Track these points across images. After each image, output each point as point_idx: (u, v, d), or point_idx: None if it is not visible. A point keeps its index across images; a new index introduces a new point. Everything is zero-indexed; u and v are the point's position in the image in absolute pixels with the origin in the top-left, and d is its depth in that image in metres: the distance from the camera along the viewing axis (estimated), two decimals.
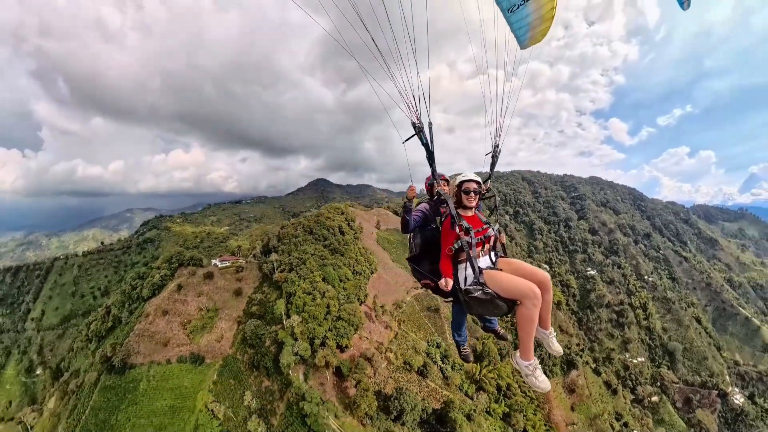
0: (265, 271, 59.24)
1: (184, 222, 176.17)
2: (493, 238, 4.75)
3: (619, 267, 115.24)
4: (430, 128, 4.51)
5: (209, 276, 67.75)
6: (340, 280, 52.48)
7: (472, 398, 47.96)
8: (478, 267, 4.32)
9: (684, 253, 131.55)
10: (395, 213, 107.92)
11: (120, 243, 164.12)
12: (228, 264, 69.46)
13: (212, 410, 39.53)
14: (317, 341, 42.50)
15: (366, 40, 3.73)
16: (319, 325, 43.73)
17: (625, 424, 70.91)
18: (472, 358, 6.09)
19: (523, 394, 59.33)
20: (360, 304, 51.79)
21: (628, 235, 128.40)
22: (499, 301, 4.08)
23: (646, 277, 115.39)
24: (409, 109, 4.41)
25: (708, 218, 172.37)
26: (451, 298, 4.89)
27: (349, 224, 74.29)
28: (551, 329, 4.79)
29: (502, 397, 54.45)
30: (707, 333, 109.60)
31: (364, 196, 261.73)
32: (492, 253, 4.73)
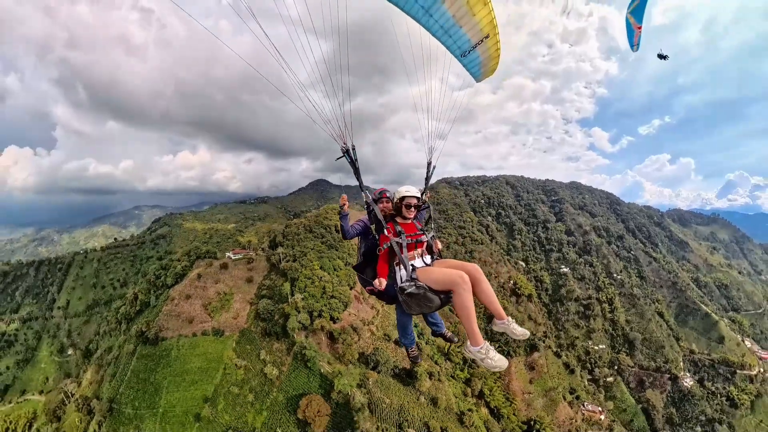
0: (273, 262, 71.56)
1: (193, 219, 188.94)
2: (426, 243, 5.23)
3: (590, 265, 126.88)
4: (354, 150, 5.37)
5: (224, 266, 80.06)
6: (334, 269, 64.93)
7: (437, 363, 60.17)
8: (411, 265, 4.76)
9: (654, 254, 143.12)
10: None
11: (134, 239, 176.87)
12: (240, 256, 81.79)
13: (235, 364, 51.93)
14: (315, 313, 54.82)
15: (292, 82, 4.74)
16: (317, 302, 56.08)
17: (577, 397, 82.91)
18: (420, 360, 7.58)
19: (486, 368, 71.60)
20: (350, 289, 64.07)
21: (602, 236, 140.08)
22: (432, 294, 4.38)
23: (615, 275, 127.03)
24: (336, 136, 5.22)
25: (682, 222, 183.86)
26: (393, 303, 5.43)
27: None
28: (508, 318, 4.74)
29: (466, 367, 66.66)
30: (668, 325, 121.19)
31: (361, 196, 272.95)
32: (428, 257, 5.20)
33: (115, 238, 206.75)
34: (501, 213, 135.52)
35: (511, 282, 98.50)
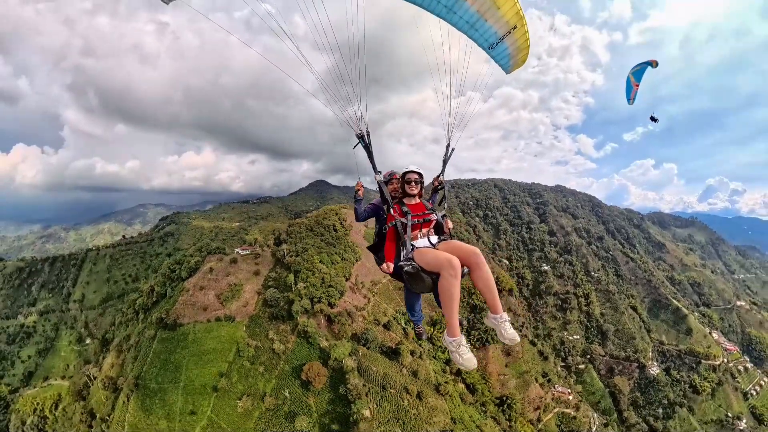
0: (278, 257, 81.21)
1: (199, 218, 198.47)
2: (434, 222, 5.32)
3: (570, 264, 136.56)
4: (368, 135, 5.60)
5: (234, 261, 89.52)
6: (332, 263, 74.56)
7: (421, 346, 69.82)
8: (411, 245, 4.88)
9: (631, 255, 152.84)
10: None
11: (143, 236, 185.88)
12: (248, 252, 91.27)
13: (247, 343, 61.57)
14: (315, 299, 64.52)
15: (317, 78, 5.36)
16: (317, 290, 65.73)
17: (549, 380, 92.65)
18: (425, 337, 6.70)
19: None
20: (346, 280, 73.68)
21: (582, 237, 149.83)
22: (424, 274, 4.45)
23: (593, 273, 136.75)
24: (353, 123, 5.53)
25: (662, 224, 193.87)
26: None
27: (341, 223, 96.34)
28: (503, 314, 4.54)
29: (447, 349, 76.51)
30: (641, 318, 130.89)
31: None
32: (435, 237, 5.29)
33: (123, 236, 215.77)
34: (488, 214, 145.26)
35: (494, 278, 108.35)
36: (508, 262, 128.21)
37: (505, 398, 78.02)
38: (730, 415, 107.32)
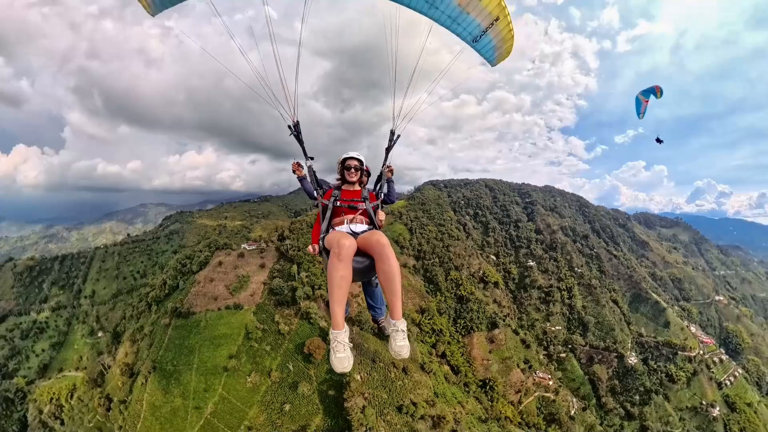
0: (282, 251, 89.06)
1: (203, 217, 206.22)
2: (362, 211, 5.39)
3: (555, 260, 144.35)
4: (298, 124, 5.75)
5: (241, 255, 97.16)
6: None
7: (409, 330, 77.67)
8: (329, 226, 5.06)
9: (615, 252, 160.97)
10: None
11: (149, 234, 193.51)
12: (254, 247, 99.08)
13: (255, 326, 69.33)
14: (316, 286, 72.53)
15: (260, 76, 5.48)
16: (317, 278, 73.75)
17: (530, 366, 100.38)
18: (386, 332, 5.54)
19: (451, 337, 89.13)
20: None
21: (568, 235, 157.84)
22: (325, 254, 4.55)
23: (576, 269, 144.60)
24: (286, 114, 5.73)
25: (648, 224, 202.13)
26: None
27: None
28: (399, 321, 4.23)
29: (434, 334, 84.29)
30: (621, 311, 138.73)
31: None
32: (361, 226, 5.31)
33: (128, 234, 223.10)
34: (478, 213, 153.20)
35: (481, 272, 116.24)
36: (495, 258, 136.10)
37: (487, 381, 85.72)
38: (704, 402, 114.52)
